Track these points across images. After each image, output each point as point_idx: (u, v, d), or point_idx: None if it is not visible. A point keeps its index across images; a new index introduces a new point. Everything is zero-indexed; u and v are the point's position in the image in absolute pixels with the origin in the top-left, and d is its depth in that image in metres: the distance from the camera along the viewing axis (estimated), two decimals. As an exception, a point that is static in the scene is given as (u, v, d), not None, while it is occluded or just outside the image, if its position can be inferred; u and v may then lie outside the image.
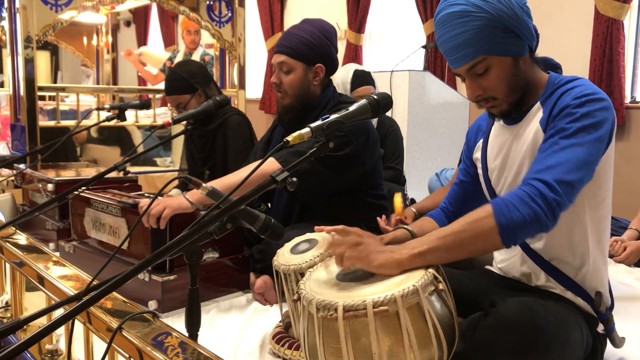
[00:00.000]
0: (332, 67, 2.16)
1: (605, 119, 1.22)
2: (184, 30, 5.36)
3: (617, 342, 1.39)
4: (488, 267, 1.63)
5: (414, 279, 1.11)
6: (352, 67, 3.06)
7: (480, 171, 1.50)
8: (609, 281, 1.41)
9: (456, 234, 1.15)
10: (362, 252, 1.17)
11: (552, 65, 2.47)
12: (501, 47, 1.27)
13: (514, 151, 1.38)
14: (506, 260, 1.49)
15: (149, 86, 5.86)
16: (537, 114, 1.33)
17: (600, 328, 1.35)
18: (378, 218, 2.10)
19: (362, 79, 2.94)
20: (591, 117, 1.21)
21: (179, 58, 5.61)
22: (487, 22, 1.25)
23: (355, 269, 1.22)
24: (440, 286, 1.15)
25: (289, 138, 1.20)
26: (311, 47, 2.07)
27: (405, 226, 1.57)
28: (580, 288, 1.33)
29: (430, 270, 1.15)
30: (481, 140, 1.51)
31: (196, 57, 5.31)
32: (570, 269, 1.33)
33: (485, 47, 1.26)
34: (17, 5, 3.33)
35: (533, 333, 1.11)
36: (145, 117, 4.10)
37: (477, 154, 1.52)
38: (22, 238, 1.88)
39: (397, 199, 2.12)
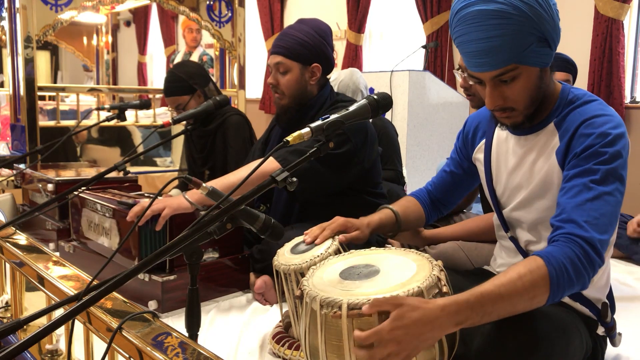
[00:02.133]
0: (329, 66, 2.16)
1: (626, 152, 1.21)
2: (185, 28, 5.36)
3: (617, 342, 1.39)
4: (486, 267, 1.63)
5: (419, 280, 1.11)
6: (355, 70, 3.07)
7: (482, 174, 1.48)
8: (610, 287, 1.41)
9: (513, 302, 1.06)
10: (401, 344, 0.99)
11: (570, 65, 2.47)
12: (534, 56, 1.19)
13: (526, 170, 1.33)
14: (506, 265, 1.48)
15: (149, 86, 5.86)
16: (552, 138, 1.28)
17: (601, 330, 1.35)
18: None
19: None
20: (618, 158, 1.19)
21: (178, 58, 5.61)
22: (528, 27, 1.15)
23: (358, 267, 1.22)
24: (444, 289, 1.15)
25: (289, 138, 1.20)
26: (307, 47, 2.07)
27: (389, 206, 1.57)
28: (584, 298, 1.32)
29: (435, 272, 1.15)
30: (483, 142, 1.47)
31: (195, 56, 5.31)
32: None
33: (520, 55, 1.17)
34: (17, 5, 3.33)
35: (533, 342, 1.11)
36: (145, 117, 4.10)
37: (479, 155, 1.49)
38: (22, 238, 1.88)
39: None
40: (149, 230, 1.87)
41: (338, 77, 3.03)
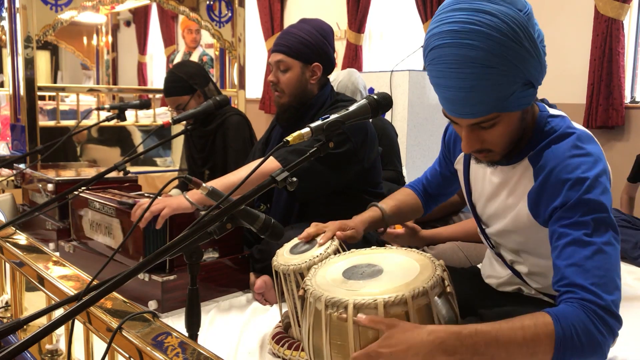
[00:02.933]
0: (330, 66, 2.16)
1: (607, 185, 1.11)
2: (185, 29, 5.36)
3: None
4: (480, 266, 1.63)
5: (424, 281, 1.11)
6: (354, 71, 3.08)
7: (463, 186, 1.46)
8: None
9: (510, 351, 0.98)
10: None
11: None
12: (517, 102, 1.09)
13: (500, 203, 1.29)
14: (494, 278, 1.47)
15: (149, 86, 5.86)
16: (526, 174, 1.21)
17: None
18: None
19: None
20: (602, 201, 1.08)
21: (178, 58, 5.61)
22: (511, 76, 1.04)
23: (361, 266, 1.22)
24: (448, 289, 1.15)
25: (289, 138, 1.20)
26: (308, 46, 2.07)
27: (376, 203, 1.58)
28: None
29: (438, 272, 1.15)
30: (462, 155, 1.44)
31: (195, 56, 5.31)
32: None
33: (502, 105, 1.07)
34: (17, 5, 3.33)
35: None
36: (145, 117, 4.10)
37: (459, 167, 1.47)
38: (22, 238, 1.88)
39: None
40: (151, 229, 1.87)
41: (337, 77, 3.03)
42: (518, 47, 1.02)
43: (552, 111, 1.24)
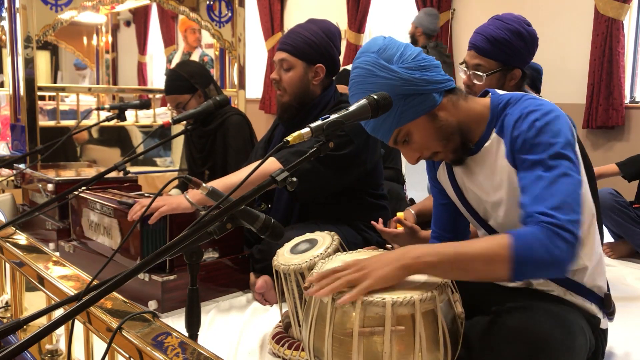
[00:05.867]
0: (333, 68, 2.16)
1: (568, 132, 1.21)
2: (187, 29, 5.36)
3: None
4: None
5: (432, 285, 1.13)
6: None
7: (451, 193, 1.46)
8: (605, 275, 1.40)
9: (468, 256, 1.11)
10: (364, 269, 1.12)
11: (535, 70, 2.47)
12: (409, 113, 1.27)
13: (487, 187, 1.33)
14: None
15: (149, 86, 5.87)
16: (499, 147, 1.29)
17: (604, 324, 1.35)
18: (373, 222, 2.07)
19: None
20: (557, 138, 1.18)
21: (177, 58, 5.61)
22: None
23: None
24: (453, 295, 1.16)
25: (289, 138, 1.20)
26: (313, 46, 2.07)
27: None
28: (586, 289, 1.32)
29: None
30: (443, 165, 1.46)
31: (194, 57, 5.31)
32: (574, 275, 1.32)
33: (394, 123, 1.27)
34: (17, 5, 3.33)
35: (538, 342, 1.11)
36: (145, 117, 4.10)
37: (443, 177, 1.47)
38: (22, 238, 1.88)
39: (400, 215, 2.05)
40: (150, 230, 1.87)
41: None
42: (374, 79, 1.28)
43: (506, 93, 1.35)
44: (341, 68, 3.05)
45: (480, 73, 1.97)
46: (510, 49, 1.94)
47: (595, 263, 1.33)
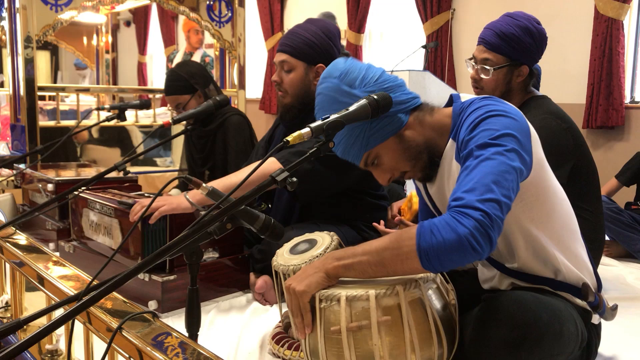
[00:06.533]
0: None
1: (509, 128, 1.16)
2: (190, 29, 5.36)
3: (609, 316, 1.37)
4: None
5: (418, 275, 1.14)
6: None
7: (427, 203, 1.47)
8: (593, 267, 1.39)
9: (379, 252, 1.11)
10: (295, 291, 1.16)
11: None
12: (376, 136, 1.28)
13: (447, 192, 1.33)
14: (489, 281, 1.47)
15: (149, 86, 5.87)
16: (452, 151, 1.29)
17: (596, 319, 1.35)
18: (375, 224, 2.07)
19: None
20: (491, 131, 1.15)
21: (178, 58, 5.61)
22: (352, 130, 1.27)
23: None
24: (443, 284, 1.16)
25: (289, 138, 1.20)
26: (313, 47, 2.07)
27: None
28: (566, 284, 1.31)
29: None
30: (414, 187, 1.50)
31: (196, 57, 5.31)
32: (550, 273, 1.32)
33: (362, 146, 1.28)
34: (17, 5, 3.33)
35: (525, 325, 1.11)
36: (145, 117, 4.10)
37: (423, 198, 1.49)
38: (22, 238, 1.88)
39: (414, 199, 2.03)
40: (150, 230, 1.87)
41: None
42: (337, 106, 1.28)
43: (468, 97, 1.33)
44: None
45: (488, 67, 1.99)
46: (518, 45, 1.96)
47: (576, 263, 1.32)
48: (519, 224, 1.25)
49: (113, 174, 2.20)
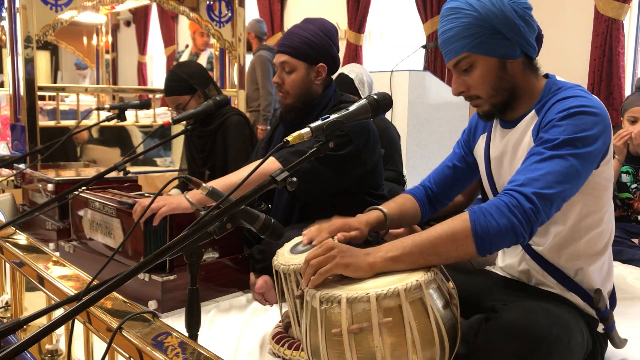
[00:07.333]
0: (334, 66, 2.16)
1: (597, 134, 1.20)
2: (195, 31, 5.36)
3: (618, 343, 1.39)
4: (489, 267, 1.63)
5: (418, 275, 1.13)
6: (359, 65, 3.07)
7: (482, 169, 1.50)
8: (613, 284, 1.40)
9: (432, 240, 1.15)
10: (335, 258, 1.17)
11: None
12: (487, 47, 1.28)
13: (511, 159, 1.36)
14: (509, 268, 1.49)
15: (149, 86, 5.86)
16: (532, 122, 1.32)
17: (601, 328, 1.35)
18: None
19: None
20: (579, 130, 1.19)
21: (184, 58, 5.61)
22: (475, 20, 1.26)
23: None
24: (445, 284, 1.15)
25: (289, 138, 1.20)
26: (313, 46, 2.07)
27: (378, 207, 1.58)
28: (579, 287, 1.33)
29: (434, 268, 1.16)
30: (483, 137, 1.50)
31: (203, 58, 5.33)
32: (570, 270, 1.33)
33: (470, 45, 1.28)
34: (17, 5, 3.33)
35: (535, 339, 1.12)
36: (145, 117, 4.10)
37: (480, 150, 1.51)
38: (22, 238, 1.88)
39: None
40: (151, 229, 1.87)
41: (357, 75, 2.99)
42: (487, 2, 1.27)
43: (563, 81, 1.37)
44: (340, 70, 3.05)
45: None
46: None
47: (596, 266, 1.33)
48: (566, 210, 1.27)
49: (113, 174, 2.20)
